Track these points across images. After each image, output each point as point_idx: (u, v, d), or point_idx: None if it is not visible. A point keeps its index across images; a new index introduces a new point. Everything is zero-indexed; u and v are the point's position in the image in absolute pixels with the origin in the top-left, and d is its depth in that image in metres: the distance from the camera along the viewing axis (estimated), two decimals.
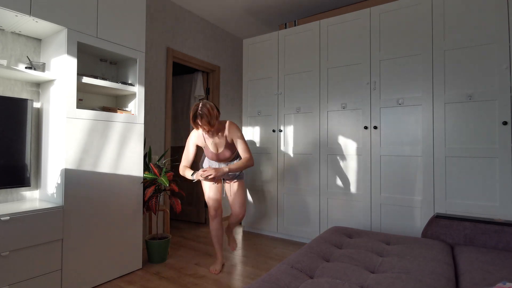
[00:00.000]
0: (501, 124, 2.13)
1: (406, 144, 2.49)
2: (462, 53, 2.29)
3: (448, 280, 1.24)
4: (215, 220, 2.33)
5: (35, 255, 1.73)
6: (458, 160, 2.28)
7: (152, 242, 2.43)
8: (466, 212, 2.24)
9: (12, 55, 1.97)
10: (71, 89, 1.92)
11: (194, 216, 3.91)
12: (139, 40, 2.36)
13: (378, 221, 2.60)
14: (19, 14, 1.71)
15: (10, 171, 1.84)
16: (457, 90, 2.30)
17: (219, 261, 2.36)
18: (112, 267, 2.13)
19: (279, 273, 1.27)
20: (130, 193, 2.27)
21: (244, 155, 2.17)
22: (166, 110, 3.17)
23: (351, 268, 1.34)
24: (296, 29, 3.11)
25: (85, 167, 2.00)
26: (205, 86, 3.87)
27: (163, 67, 3.15)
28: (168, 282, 2.13)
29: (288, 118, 3.15)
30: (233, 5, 3.33)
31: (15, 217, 1.64)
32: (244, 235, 3.31)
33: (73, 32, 1.93)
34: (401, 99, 2.51)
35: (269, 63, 3.29)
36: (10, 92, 1.95)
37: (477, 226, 1.73)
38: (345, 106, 2.78)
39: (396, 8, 2.55)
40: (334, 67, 2.87)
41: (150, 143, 2.98)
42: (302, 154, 3.04)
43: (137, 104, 2.35)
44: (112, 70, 2.48)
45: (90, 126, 2.03)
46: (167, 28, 3.19)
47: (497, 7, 2.17)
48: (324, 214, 2.88)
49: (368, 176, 2.65)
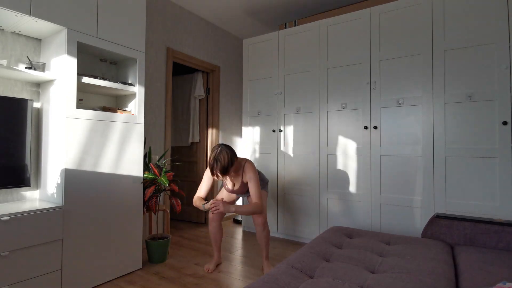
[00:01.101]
0: (501, 124, 2.13)
1: (406, 144, 2.49)
2: (462, 53, 2.29)
3: (448, 280, 1.24)
4: (213, 223, 2.36)
5: (35, 255, 1.73)
6: (458, 160, 2.28)
7: (152, 242, 2.43)
8: (466, 212, 2.24)
9: (12, 55, 1.97)
10: (71, 89, 1.92)
11: (194, 216, 3.91)
12: (139, 40, 2.36)
13: (378, 221, 2.60)
14: (19, 14, 1.71)
15: (10, 171, 1.84)
16: (457, 90, 2.30)
17: (214, 260, 2.38)
18: (112, 267, 2.13)
19: (279, 273, 1.27)
20: (130, 193, 2.27)
21: (254, 200, 2.16)
22: (166, 110, 3.17)
23: (351, 268, 1.34)
24: (296, 29, 3.11)
25: (85, 167, 1.99)
26: (205, 86, 3.88)
27: (163, 67, 3.15)
28: (168, 282, 2.13)
29: (288, 118, 3.15)
30: (233, 5, 3.33)
31: (15, 217, 1.64)
32: (244, 235, 3.31)
33: (73, 32, 1.93)
34: (401, 99, 2.51)
35: (269, 63, 3.29)
36: (10, 92, 1.95)
37: (477, 226, 1.73)
38: (345, 106, 2.78)
39: (396, 8, 2.55)
40: (334, 67, 2.87)
41: (150, 143, 2.98)
42: (302, 154, 3.04)
43: (137, 104, 2.35)
44: (112, 70, 2.48)
45: (90, 126, 2.03)
46: (167, 28, 3.19)
47: (497, 7, 2.17)
48: (324, 214, 2.88)
49: (368, 176, 2.65)
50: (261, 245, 2.32)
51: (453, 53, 2.32)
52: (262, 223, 2.26)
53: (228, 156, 2.08)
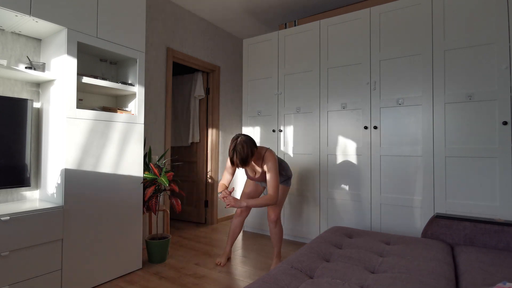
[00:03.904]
0: (501, 124, 2.13)
1: (406, 144, 2.49)
2: (462, 53, 2.29)
3: (448, 280, 1.24)
4: (237, 218, 2.43)
5: (35, 255, 1.74)
6: (458, 160, 2.28)
7: (152, 242, 2.43)
8: (466, 212, 2.24)
9: (12, 55, 1.97)
10: (71, 89, 1.92)
11: (194, 216, 3.91)
12: (139, 40, 2.36)
13: (378, 221, 2.60)
14: (19, 14, 1.71)
15: (10, 171, 1.84)
16: (457, 90, 2.30)
17: (225, 254, 2.45)
18: (112, 267, 2.13)
19: (279, 273, 1.27)
20: (130, 193, 2.27)
21: (269, 192, 2.12)
22: (166, 110, 3.17)
23: (351, 268, 1.33)
24: (296, 29, 3.11)
25: (85, 167, 2.00)
26: (205, 86, 3.88)
27: (163, 67, 3.15)
28: (168, 282, 2.13)
29: (288, 118, 3.15)
30: (233, 5, 3.33)
31: (15, 217, 1.64)
32: (244, 235, 3.31)
33: (73, 32, 1.93)
34: (401, 99, 2.51)
35: (269, 63, 3.29)
36: (10, 92, 1.95)
37: (477, 226, 1.73)
38: (345, 106, 2.78)
39: (396, 8, 2.55)
40: (334, 67, 2.87)
41: (150, 143, 2.98)
42: (302, 154, 3.04)
43: (137, 104, 2.35)
44: (112, 70, 2.48)
45: (90, 126, 2.03)
46: (167, 28, 3.19)
47: (497, 7, 2.17)
48: (324, 214, 2.88)
49: (368, 176, 2.65)
50: (273, 242, 2.35)
51: (453, 53, 2.32)
52: (274, 220, 2.28)
53: (247, 146, 2.04)
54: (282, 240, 2.37)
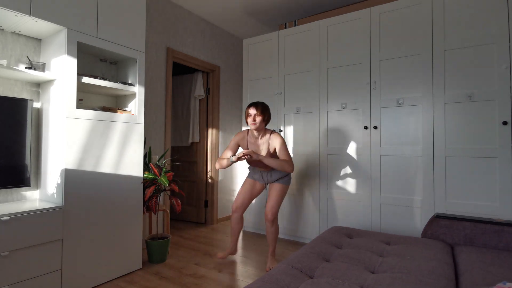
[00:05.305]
0: (501, 124, 2.13)
1: (406, 144, 2.49)
2: (462, 53, 2.29)
3: (448, 280, 1.24)
4: (235, 214, 2.47)
5: (35, 255, 1.73)
6: (458, 160, 2.28)
7: (152, 242, 2.43)
8: (466, 212, 2.24)
9: (12, 55, 1.97)
10: (71, 89, 1.92)
11: (194, 216, 3.91)
12: (139, 40, 2.36)
13: (378, 221, 2.60)
14: (19, 14, 1.71)
15: (10, 171, 1.84)
16: (457, 90, 2.30)
17: (228, 251, 2.50)
18: (112, 267, 2.13)
19: (279, 273, 1.27)
20: (130, 193, 2.27)
21: (284, 158, 2.22)
22: (166, 110, 3.17)
23: (351, 268, 1.33)
24: (296, 29, 3.11)
25: (85, 167, 1.99)
26: (205, 86, 3.87)
27: (163, 67, 3.15)
28: (168, 282, 2.13)
29: (288, 118, 3.15)
30: (233, 5, 3.33)
31: (15, 217, 1.64)
32: (244, 235, 3.31)
33: (73, 32, 1.93)
34: (401, 99, 2.51)
35: (269, 63, 3.29)
36: (10, 92, 1.95)
37: (477, 226, 1.73)
38: (345, 106, 2.78)
39: (396, 8, 2.55)
40: (334, 67, 2.86)
41: (150, 143, 2.98)
42: (302, 154, 3.04)
43: (137, 104, 2.35)
44: (112, 70, 2.48)
45: (90, 126, 2.03)
46: (167, 28, 3.19)
47: (497, 7, 2.17)
48: (324, 214, 2.88)
49: (368, 176, 2.65)
50: (268, 241, 2.38)
51: (453, 53, 2.32)
52: (271, 219, 2.32)
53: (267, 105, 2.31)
54: (277, 239, 2.43)
